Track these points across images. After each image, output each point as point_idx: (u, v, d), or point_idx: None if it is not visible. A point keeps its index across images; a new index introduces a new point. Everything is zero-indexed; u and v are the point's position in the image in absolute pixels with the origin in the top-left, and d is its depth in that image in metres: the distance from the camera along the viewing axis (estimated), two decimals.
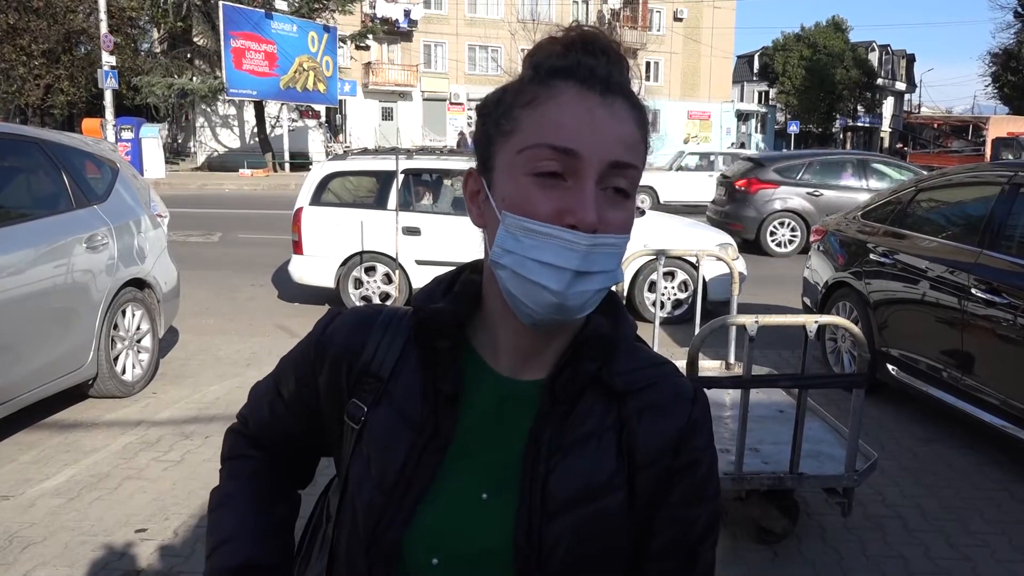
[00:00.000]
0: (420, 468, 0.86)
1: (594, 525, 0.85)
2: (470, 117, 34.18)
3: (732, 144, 40.49)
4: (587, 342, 0.87)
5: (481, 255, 0.91)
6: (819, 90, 50.96)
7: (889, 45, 60.69)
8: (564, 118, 0.79)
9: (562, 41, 0.85)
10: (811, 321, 3.15)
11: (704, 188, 17.00)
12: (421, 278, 7.31)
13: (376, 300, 7.49)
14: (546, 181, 0.79)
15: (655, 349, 4.39)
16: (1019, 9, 41.59)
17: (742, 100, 54.54)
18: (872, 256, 5.29)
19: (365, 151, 9.44)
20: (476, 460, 0.87)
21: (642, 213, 8.24)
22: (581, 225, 0.77)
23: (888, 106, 62.46)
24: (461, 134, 34.49)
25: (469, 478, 0.86)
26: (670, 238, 7.32)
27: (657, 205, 17.37)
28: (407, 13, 38.26)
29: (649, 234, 7.39)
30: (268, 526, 1.01)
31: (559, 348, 0.89)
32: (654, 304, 5.28)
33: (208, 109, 32.96)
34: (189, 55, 31.99)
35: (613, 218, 0.80)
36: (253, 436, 1.08)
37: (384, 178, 7.49)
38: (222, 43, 26.94)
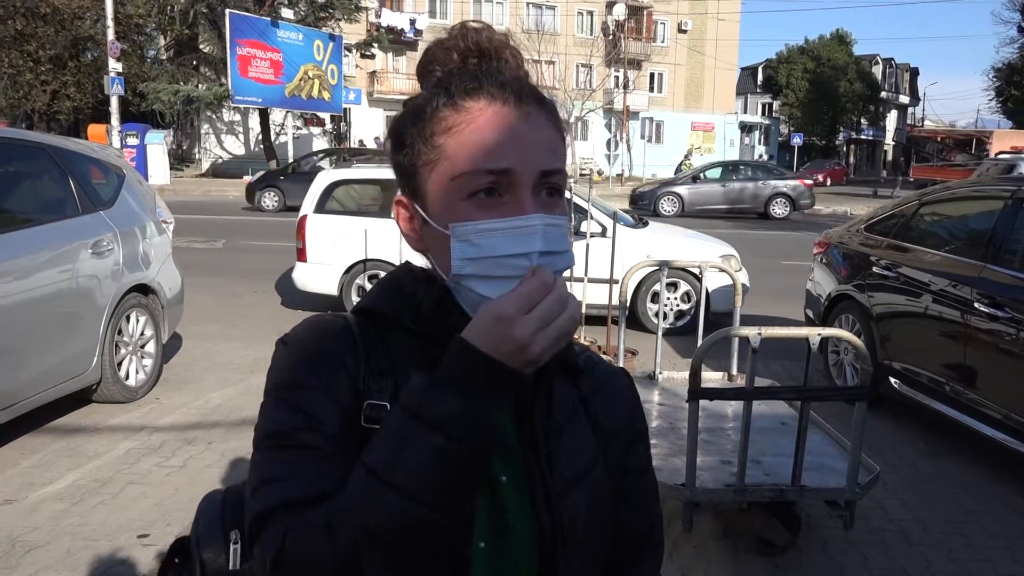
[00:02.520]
0: None
1: (596, 500, 0.92)
2: (377, 137, 34.18)
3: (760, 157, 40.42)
4: None
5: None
6: (823, 103, 51.03)
7: (893, 59, 60.83)
8: (489, 139, 0.81)
9: (454, 48, 0.87)
10: (814, 333, 3.15)
11: None
12: None
13: None
14: (483, 200, 0.81)
15: (658, 359, 4.38)
16: (1022, 24, 41.70)
17: (745, 112, 54.63)
18: (875, 269, 5.30)
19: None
20: None
21: (645, 224, 8.26)
22: None
23: (892, 119, 62.58)
24: (377, 139, 34.07)
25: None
26: (673, 249, 7.33)
27: None
28: (412, 22, 38.43)
29: (652, 245, 7.41)
30: None
31: None
32: (657, 315, 5.29)
33: (213, 116, 33.10)
34: (195, 62, 32.12)
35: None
36: (316, 494, 0.79)
37: (388, 186, 7.52)
38: (228, 51, 27.03)
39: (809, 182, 22.50)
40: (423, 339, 0.88)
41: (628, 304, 5.29)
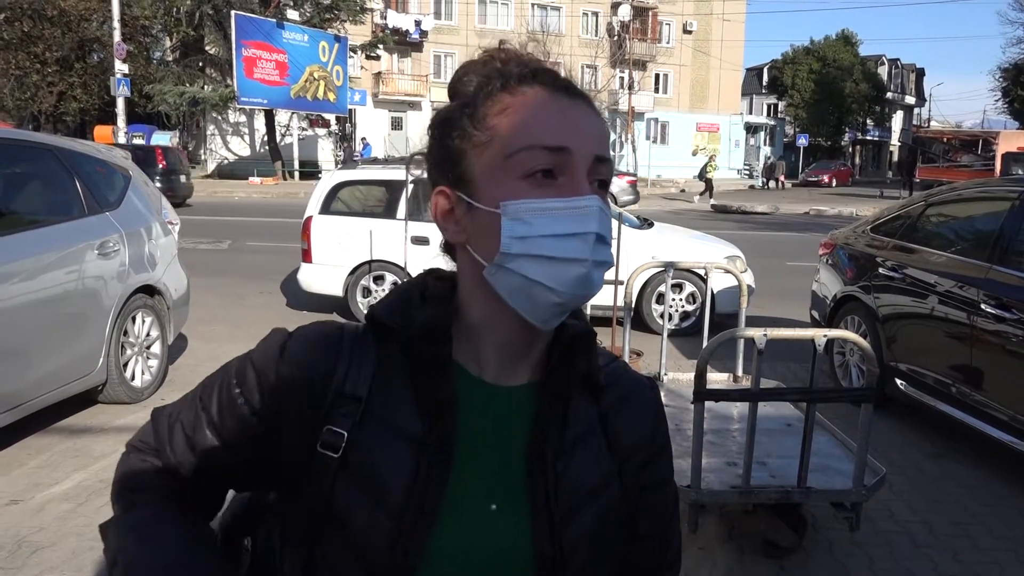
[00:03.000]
0: (429, 485, 0.82)
1: (604, 521, 0.89)
2: (364, 138, 34.25)
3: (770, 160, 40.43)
4: (577, 340, 0.88)
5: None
6: (828, 103, 50.91)
7: (899, 59, 60.69)
8: (546, 119, 0.80)
9: (495, 57, 0.87)
10: (820, 335, 3.15)
11: None
12: None
13: None
14: (540, 180, 0.79)
15: (663, 361, 4.37)
16: None
17: (751, 113, 54.53)
18: (881, 270, 5.28)
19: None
20: (478, 471, 0.85)
21: (650, 225, 8.25)
22: None
23: (897, 120, 62.44)
24: (364, 139, 33.95)
25: (475, 490, 0.85)
26: (678, 250, 7.33)
27: None
28: (418, 23, 38.46)
29: (657, 246, 7.41)
30: (208, 543, 0.90)
31: (537, 352, 0.89)
32: (662, 316, 5.28)
33: (219, 117, 33.15)
34: (201, 64, 32.22)
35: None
36: (164, 466, 0.91)
37: (394, 187, 7.52)
38: (234, 52, 27.15)
39: (633, 179, 23.51)
40: (413, 360, 0.85)
41: (633, 305, 5.30)
